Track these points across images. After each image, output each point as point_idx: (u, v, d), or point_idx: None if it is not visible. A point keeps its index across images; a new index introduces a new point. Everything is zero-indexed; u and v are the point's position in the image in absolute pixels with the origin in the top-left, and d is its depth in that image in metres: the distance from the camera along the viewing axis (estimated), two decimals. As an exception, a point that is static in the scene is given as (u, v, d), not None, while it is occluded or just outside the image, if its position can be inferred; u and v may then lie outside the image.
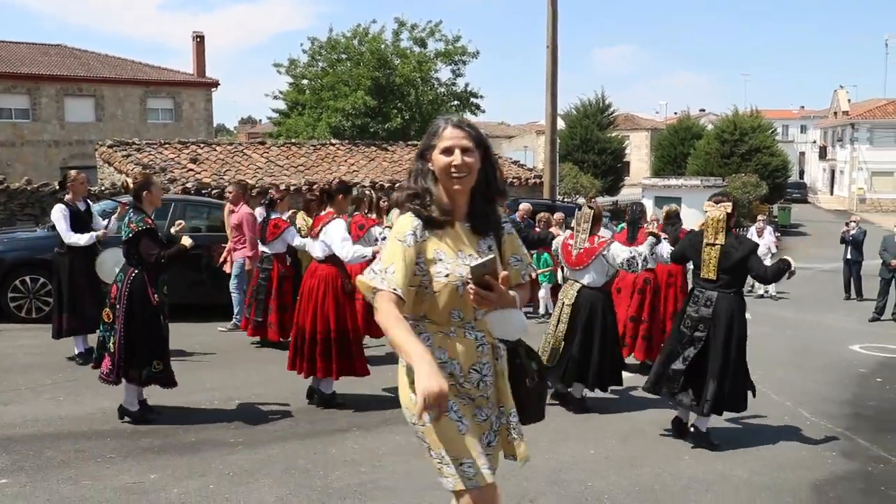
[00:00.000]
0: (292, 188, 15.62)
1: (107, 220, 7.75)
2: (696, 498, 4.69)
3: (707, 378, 5.50)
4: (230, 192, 9.70)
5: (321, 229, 6.07)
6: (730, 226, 5.69)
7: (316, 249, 6.16)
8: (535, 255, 11.40)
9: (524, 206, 12.51)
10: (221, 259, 9.37)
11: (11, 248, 9.51)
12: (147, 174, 5.94)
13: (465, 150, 2.59)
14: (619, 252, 6.18)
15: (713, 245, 5.60)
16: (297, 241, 7.79)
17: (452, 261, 2.59)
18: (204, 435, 5.39)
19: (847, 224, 16.43)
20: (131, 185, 5.63)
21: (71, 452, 4.92)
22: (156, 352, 5.55)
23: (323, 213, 6.22)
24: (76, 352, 7.35)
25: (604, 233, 14.14)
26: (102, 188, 13.79)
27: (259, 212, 9.92)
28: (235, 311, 9.40)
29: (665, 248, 6.42)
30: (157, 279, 5.62)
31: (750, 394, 5.68)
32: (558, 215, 12.14)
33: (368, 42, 26.46)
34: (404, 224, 2.61)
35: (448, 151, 2.59)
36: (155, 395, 5.81)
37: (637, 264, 6.08)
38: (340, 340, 6.00)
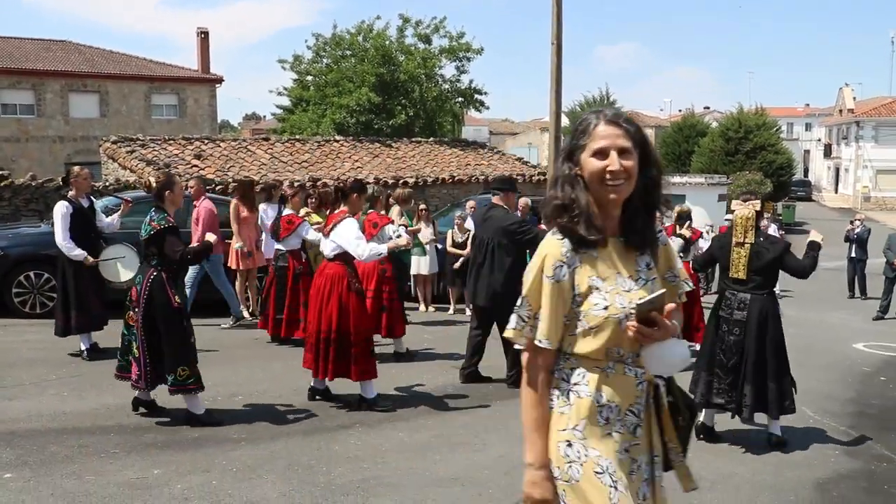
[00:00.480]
0: (296, 184, 15.62)
1: (111, 218, 7.73)
2: (699, 496, 4.68)
3: (743, 382, 5.44)
4: (191, 187, 9.42)
5: (332, 228, 6.02)
6: (759, 224, 5.59)
7: (327, 248, 6.10)
8: None
9: (523, 200, 12.47)
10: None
11: (16, 244, 9.53)
12: (170, 173, 5.82)
13: (622, 152, 2.16)
14: None
15: (742, 244, 5.51)
16: (312, 236, 7.74)
17: (611, 289, 2.19)
18: (207, 431, 5.39)
19: (852, 222, 16.38)
20: (154, 184, 5.50)
21: (75, 448, 4.94)
22: (180, 357, 5.35)
23: (336, 211, 6.14)
24: (81, 348, 7.36)
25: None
26: (107, 184, 13.81)
27: (263, 207, 9.94)
28: (231, 305, 9.41)
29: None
30: (177, 280, 5.49)
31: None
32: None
33: (373, 38, 26.44)
34: (552, 251, 2.20)
35: (601, 153, 2.16)
36: (162, 392, 5.77)
37: None
38: (339, 341, 5.91)
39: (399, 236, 7.21)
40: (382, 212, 8.41)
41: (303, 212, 8.85)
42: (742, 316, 5.48)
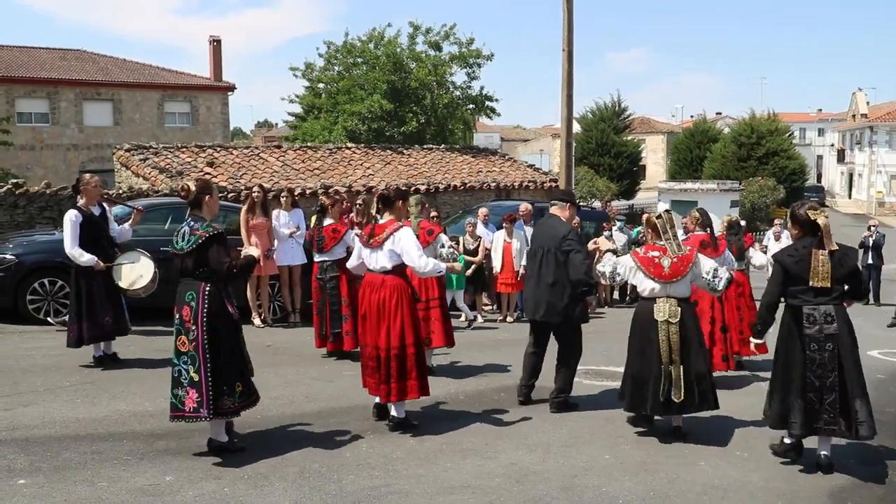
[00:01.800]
0: (308, 192, 15.68)
1: (123, 226, 7.74)
2: (712, 504, 4.66)
3: (851, 399, 5.11)
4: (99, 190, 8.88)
5: (387, 238, 5.62)
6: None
7: (381, 259, 5.67)
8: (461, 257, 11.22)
9: (524, 206, 12.43)
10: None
11: (30, 251, 9.60)
12: (207, 179, 5.31)
13: None
14: (704, 262, 5.79)
15: (823, 251, 5.13)
16: (357, 244, 7.61)
17: None
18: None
19: (868, 228, 16.27)
20: (192, 189, 5.07)
21: (88, 454, 4.96)
22: (239, 373, 5.04)
23: (383, 220, 5.77)
24: (93, 356, 7.38)
25: (617, 237, 14.13)
26: (120, 191, 13.89)
27: (275, 214, 9.99)
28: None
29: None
30: (228, 288, 5.10)
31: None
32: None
33: (384, 46, 26.57)
34: None
35: None
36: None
37: (720, 277, 5.67)
38: (402, 357, 5.57)
39: (452, 250, 7.09)
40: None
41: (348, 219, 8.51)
42: (833, 329, 5.11)
